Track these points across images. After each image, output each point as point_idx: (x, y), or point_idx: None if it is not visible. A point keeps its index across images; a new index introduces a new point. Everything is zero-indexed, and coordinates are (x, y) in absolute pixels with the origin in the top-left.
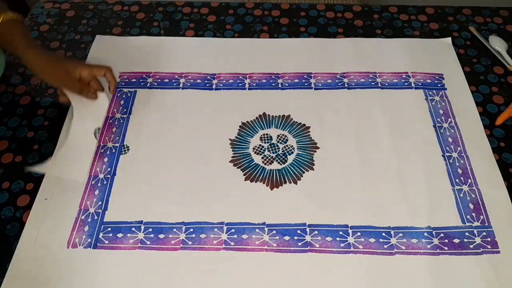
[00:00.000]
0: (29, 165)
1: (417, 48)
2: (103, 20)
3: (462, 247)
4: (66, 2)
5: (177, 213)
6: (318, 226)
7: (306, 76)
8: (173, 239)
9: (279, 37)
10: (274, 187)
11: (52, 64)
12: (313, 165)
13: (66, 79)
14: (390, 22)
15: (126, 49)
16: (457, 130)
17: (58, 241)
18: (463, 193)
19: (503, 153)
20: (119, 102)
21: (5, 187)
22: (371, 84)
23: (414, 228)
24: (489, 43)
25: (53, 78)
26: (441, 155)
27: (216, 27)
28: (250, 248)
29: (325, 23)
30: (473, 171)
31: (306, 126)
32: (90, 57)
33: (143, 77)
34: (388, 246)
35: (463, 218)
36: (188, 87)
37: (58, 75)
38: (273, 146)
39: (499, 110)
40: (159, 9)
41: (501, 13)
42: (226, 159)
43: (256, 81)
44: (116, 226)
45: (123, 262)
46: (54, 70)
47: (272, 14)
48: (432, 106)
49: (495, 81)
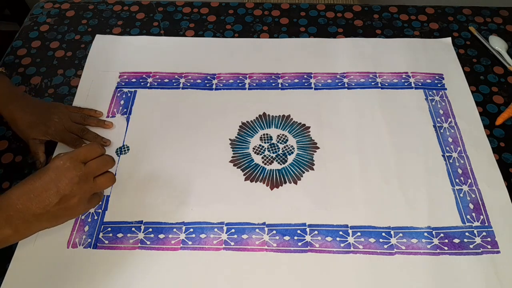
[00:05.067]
0: (29, 165)
1: (417, 48)
2: (103, 20)
3: (462, 247)
4: (66, 2)
5: (177, 213)
6: (318, 226)
7: (306, 76)
8: (173, 239)
9: (279, 37)
10: (274, 187)
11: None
12: (313, 165)
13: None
14: (390, 22)
15: (126, 49)
16: (457, 130)
17: (58, 241)
18: (463, 193)
19: (503, 153)
20: (119, 102)
21: (5, 187)
22: (371, 84)
23: (414, 228)
24: (489, 43)
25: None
26: (441, 155)
27: (216, 27)
28: (250, 248)
29: (325, 23)
30: (473, 171)
31: (306, 126)
32: (90, 57)
33: (143, 77)
34: (388, 246)
35: (463, 218)
36: (188, 87)
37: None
38: (273, 146)
39: (499, 110)
40: (159, 9)
41: (501, 13)
42: (226, 159)
43: (256, 81)
44: (116, 226)
45: (123, 262)
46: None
47: (272, 14)
48: (432, 106)
49: (495, 81)
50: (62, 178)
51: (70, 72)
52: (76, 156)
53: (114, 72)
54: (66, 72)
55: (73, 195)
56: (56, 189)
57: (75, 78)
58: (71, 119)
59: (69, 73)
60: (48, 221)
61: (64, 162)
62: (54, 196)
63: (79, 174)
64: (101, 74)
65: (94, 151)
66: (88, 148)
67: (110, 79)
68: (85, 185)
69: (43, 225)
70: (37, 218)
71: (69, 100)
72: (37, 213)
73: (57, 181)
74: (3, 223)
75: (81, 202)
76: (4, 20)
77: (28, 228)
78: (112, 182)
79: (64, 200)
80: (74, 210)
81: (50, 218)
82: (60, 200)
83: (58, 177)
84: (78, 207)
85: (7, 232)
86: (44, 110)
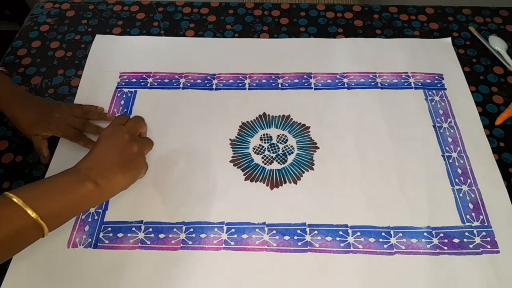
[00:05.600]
0: (30, 165)
1: (417, 48)
2: (103, 20)
3: (461, 247)
4: (66, 2)
5: (177, 213)
6: (318, 226)
7: (306, 76)
8: (173, 239)
9: (279, 37)
10: (274, 187)
11: (38, 119)
12: (313, 165)
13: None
14: (390, 22)
15: (126, 49)
16: (457, 130)
17: (58, 240)
18: (463, 193)
19: (503, 153)
20: (119, 102)
21: (5, 187)
22: (371, 84)
23: (414, 228)
24: (489, 43)
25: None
26: (441, 155)
27: (216, 27)
28: (250, 248)
29: (325, 23)
30: (473, 171)
31: (306, 126)
32: (90, 57)
33: (143, 77)
34: (388, 246)
35: (463, 218)
36: (188, 87)
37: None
38: (273, 146)
39: (499, 110)
40: (159, 9)
41: (501, 13)
42: (226, 159)
43: (256, 81)
44: (117, 226)
45: (123, 262)
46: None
47: (272, 14)
48: (432, 106)
49: (495, 81)
50: (114, 137)
51: (70, 72)
52: (114, 122)
53: (114, 72)
54: (66, 72)
55: (130, 146)
56: (113, 147)
57: (75, 78)
58: (72, 115)
59: (69, 73)
60: (122, 174)
61: (107, 130)
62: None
63: (125, 130)
64: (101, 74)
65: (123, 117)
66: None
67: (110, 79)
68: (134, 138)
69: (119, 178)
70: (111, 172)
71: (70, 100)
72: (108, 168)
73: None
74: (83, 178)
75: (140, 153)
76: (4, 20)
77: (107, 182)
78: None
79: (125, 153)
80: (138, 161)
81: (122, 170)
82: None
83: (110, 139)
84: (140, 158)
85: (90, 186)
86: (45, 107)
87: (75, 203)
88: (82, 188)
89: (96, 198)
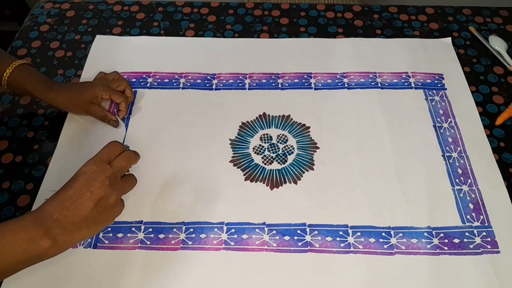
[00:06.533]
0: (29, 165)
1: (417, 48)
2: (103, 20)
3: (462, 247)
4: (66, 2)
5: (177, 213)
6: (318, 226)
7: (306, 76)
8: (173, 239)
9: (279, 37)
10: (274, 187)
11: (74, 98)
12: (313, 165)
13: (88, 108)
14: (390, 22)
15: (126, 49)
16: (457, 130)
17: None
18: (463, 193)
19: (503, 153)
20: None
21: (5, 187)
22: (371, 84)
23: (414, 228)
24: (489, 43)
25: (78, 110)
26: (441, 155)
27: (216, 27)
28: (250, 248)
29: (325, 23)
30: (473, 171)
31: (306, 126)
32: (90, 57)
33: (143, 77)
34: (388, 246)
35: (463, 218)
36: (188, 87)
37: (82, 106)
38: (273, 146)
39: (499, 110)
40: (159, 9)
41: (501, 13)
42: (226, 159)
43: (256, 81)
44: (116, 226)
45: (123, 262)
46: (76, 102)
47: (272, 14)
48: (432, 106)
49: (495, 81)
50: (93, 182)
51: (70, 72)
52: (100, 158)
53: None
54: (66, 72)
55: (107, 196)
56: (90, 194)
57: (75, 78)
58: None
59: (69, 73)
60: (87, 229)
61: (90, 167)
62: (89, 201)
63: (109, 174)
64: None
65: (114, 149)
66: (107, 148)
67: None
68: (116, 185)
69: (83, 233)
70: (76, 226)
71: None
72: (76, 221)
73: (89, 186)
74: (41, 234)
75: (117, 203)
76: (4, 20)
77: (68, 239)
78: (134, 183)
79: (100, 204)
80: (112, 212)
81: (89, 224)
82: (96, 204)
83: (89, 182)
84: (115, 209)
85: (46, 244)
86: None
87: (25, 262)
88: (37, 247)
89: (49, 255)
